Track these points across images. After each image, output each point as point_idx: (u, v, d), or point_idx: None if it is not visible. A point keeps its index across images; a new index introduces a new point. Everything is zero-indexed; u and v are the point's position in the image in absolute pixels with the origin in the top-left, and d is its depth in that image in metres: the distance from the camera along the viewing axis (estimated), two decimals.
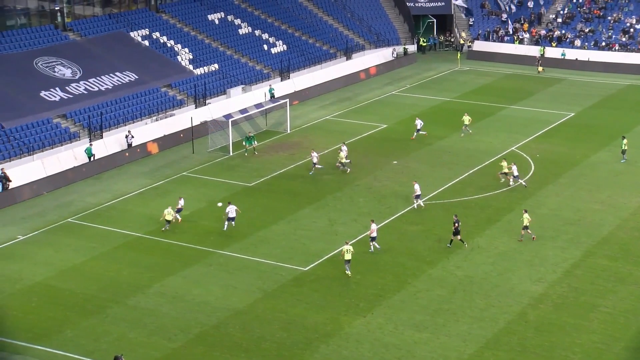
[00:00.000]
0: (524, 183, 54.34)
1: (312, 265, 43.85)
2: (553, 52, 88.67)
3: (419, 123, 63.41)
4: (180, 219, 49.36)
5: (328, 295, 40.82)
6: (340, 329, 38.00)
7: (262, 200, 52.56)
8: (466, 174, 56.61)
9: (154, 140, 62.99)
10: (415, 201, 50.77)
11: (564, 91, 78.14)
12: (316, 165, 56.42)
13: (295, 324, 38.47)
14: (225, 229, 48.22)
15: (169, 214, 47.84)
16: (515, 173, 54.10)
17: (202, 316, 39.17)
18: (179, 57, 75.06)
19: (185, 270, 43.62)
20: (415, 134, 62.91)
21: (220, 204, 49.67)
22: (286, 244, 46.53)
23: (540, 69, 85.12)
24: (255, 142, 61.66)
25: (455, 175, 56.26)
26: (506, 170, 54.35)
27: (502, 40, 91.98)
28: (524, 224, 46.24)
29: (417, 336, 37.29)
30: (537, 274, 42.67)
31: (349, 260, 42.88)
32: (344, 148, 57.54)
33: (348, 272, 42.85)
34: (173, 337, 37.53)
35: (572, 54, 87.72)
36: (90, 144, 59.87)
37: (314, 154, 56.86)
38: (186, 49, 76.44)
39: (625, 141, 58.66)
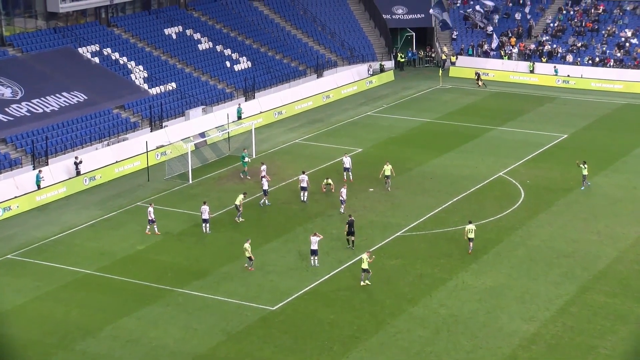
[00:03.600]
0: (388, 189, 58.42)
1: (281, 304, 43.68)
2: (543, 67, 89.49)
3: (347, 161, 60.70)
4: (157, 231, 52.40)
5: (299, 337, 40.67)
6: None
7: (225, 233, 52.44)
8: (450, 202, 56.82)
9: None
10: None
11: (556, 111, 78.83)
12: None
13: None
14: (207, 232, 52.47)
15: (247, 249, 47.04)
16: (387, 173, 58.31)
17: None
18: (132, 76, 74.99)
19: (140, 311, 43.30)
20: (345, 174, 60.37)
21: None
22: (252, 281, 46.38)
23: (480, 83, 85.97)
24: (248, 159, 62.35)
25: (438, 204, 56.44)
26: (388, 173, 58.20)
27: (487, 55, 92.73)
28: (469, 236, 48.92)
29: None
30: (529, 311, 42.71)
31: (365, 270, 44.97)
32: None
33: (362, 283, 45.25)
34: None
35: (563, 70, 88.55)
36: (40, 171, 59.57)
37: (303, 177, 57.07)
38: (140, 67, 76.41)
39: (585, 166, 58.61)
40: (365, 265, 45.13)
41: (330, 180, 57.67)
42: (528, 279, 46.14)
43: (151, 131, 69.70)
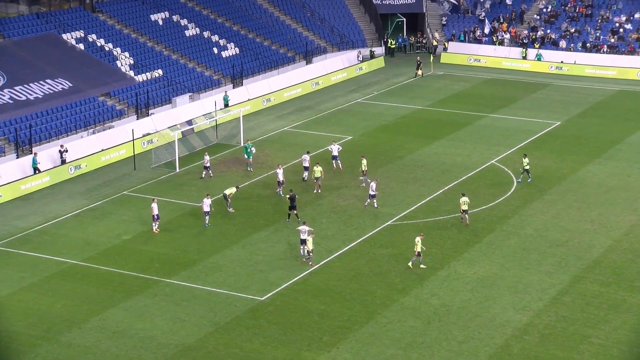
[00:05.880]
0: (367, 180, 56.58)
1: (270, 295, 43.75)
2: (535, 54, 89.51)
3: (334, 149, 60.45)
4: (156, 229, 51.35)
5: (288, 328, 40.77)
6: None
7: (213, 222, 52.42)
8: (441, 191, 56.93)
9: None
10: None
11: (549, 98, 78.93)
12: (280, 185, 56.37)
13: None
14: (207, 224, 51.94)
15: (309, 241, 46.60)
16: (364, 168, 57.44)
17: (146, 353, 38.93)
18: (118, 62, 74.81)
19: (127, 302, 43.34)
20: (333, 163, 60.37)
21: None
22: (241, 271, 46.45)
23: (419, 72, 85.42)
24: (254, 149, 61.18)
25: (429, 192, 56.54)
26: (364, 168, 57.27)
27: (479, 42, 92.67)
28: (463, 208, 51.14)
29: None
30: (521, 301, 42.85)
31: (418, 253, 45.83)
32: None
33: (410, 264, 46.26)
34: None
35: (556, 56, 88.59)
36: (35, 154, 59.53)
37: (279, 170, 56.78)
38: (126, 53, 76.24)
39: (526, 160, 57.81)
40: (418, 248, 45.74)
41: (320, 170, 56.67)
42: (521, 268, 46.28)
43: (137, 119, 69.47)
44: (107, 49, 75.86)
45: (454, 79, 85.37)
